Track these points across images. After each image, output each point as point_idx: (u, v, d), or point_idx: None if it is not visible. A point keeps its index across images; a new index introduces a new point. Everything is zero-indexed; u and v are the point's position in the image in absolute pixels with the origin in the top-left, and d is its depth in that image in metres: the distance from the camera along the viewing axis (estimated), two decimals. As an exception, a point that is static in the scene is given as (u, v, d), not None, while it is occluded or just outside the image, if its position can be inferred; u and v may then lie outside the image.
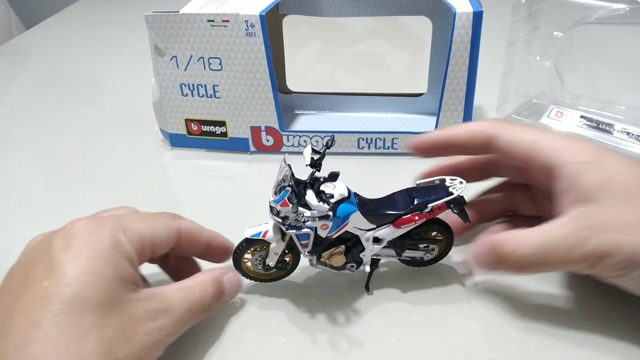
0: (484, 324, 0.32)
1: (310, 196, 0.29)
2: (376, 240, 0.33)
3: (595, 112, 0.51)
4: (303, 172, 0.30)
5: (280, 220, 0.30)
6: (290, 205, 0.29)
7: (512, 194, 0.37)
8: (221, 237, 0.34)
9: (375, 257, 0.34)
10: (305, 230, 0.30)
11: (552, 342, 0.30)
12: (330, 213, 0.30)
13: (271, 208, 0.30)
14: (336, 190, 0.30)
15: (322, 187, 0.30)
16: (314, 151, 0.30)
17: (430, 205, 0.32)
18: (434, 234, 0.34)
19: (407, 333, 0.31)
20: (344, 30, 0.79)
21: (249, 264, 0.34)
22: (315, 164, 0.30)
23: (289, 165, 0.30)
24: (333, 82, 0.65)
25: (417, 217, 0.32)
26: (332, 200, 0.30)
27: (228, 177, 0.49)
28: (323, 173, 0.30)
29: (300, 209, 0.29)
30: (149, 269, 0.33)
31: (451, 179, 0.33)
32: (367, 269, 0.33)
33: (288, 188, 0.29)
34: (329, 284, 0.35)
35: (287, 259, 0.34)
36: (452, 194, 0.32)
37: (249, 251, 0.33)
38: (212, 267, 0.33)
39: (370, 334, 0.31)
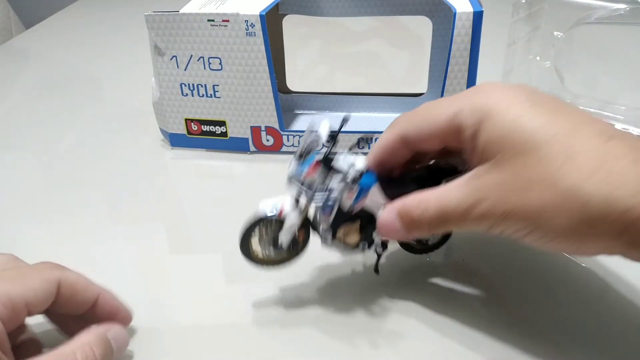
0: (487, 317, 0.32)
1: (344, 157, 0.29)
2: None
3: (595, 112, 0.51)
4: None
5: (304, 189, 0.30)
6: (320, 169, 0.28)
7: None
8: (111, 295, 0.31)
9: (385, 239, 0.33)
10: (331, 200, 0.29)
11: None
12: (360, 175, 0.29)
13: (290, 179, 0.30)
14: (357, 161, 0.30)
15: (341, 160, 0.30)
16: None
17: (444, 180, 0.31)
18: None
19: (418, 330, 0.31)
20: (344, 30, 0.79)
21: (257, 247, 0.32)
22: (333, 138, 0.29)
23: (317, 132, 0.29)
24: (333, 82, 0.65)
25: None
26: (357, 168, 0.29)
27: (228, 177, 0.49)
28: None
29: (330, 174, 0.29)
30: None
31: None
32: (380, 249, 0.33)
33: (317, 154, 0.28)
34: (332, 280, 0.35)
35: (298, 238, 0.32)
36: (461, 171, 0.31)
37: (256, 232, 0.31)
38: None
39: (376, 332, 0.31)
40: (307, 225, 0.32)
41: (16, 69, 0.73)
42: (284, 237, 0.31)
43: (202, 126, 0.50)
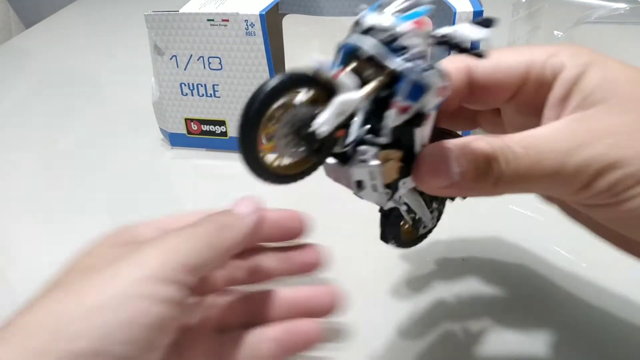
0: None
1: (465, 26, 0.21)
2: None
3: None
4: None
5: (393, 53, 0.20)
6: (429, 34, 0.20)
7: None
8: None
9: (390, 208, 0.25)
10: (432, 78, 0.20)
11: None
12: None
13: (367, 30, 0.20)
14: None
15: None
16: None
17: None
18: None
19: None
20: (344, 29, 0.79)
21: (269, 140, 0.20)
22: None
23: None
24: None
25: None
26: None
27: (228, 177, 0.49)
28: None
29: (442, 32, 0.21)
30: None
31: None
32: (403, 204, 0.25)
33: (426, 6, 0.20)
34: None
35: (335, 135, 0.21)
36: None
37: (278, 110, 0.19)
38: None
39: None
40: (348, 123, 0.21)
41: (16, 68, 0.73)
42: (327, 119, 0.19)
43: (202, 126, 0.50)
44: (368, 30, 0.20)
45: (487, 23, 0.21)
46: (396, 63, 0.20)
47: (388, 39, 0.20)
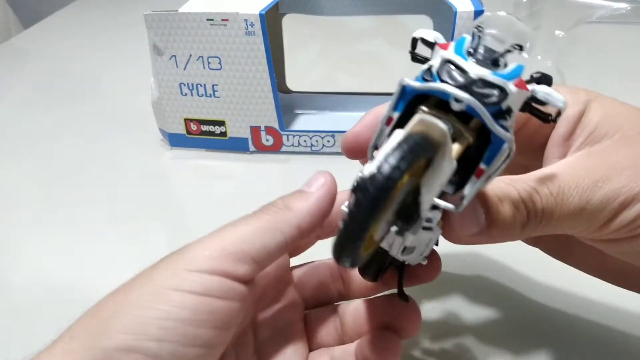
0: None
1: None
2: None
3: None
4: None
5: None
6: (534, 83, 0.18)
7: None
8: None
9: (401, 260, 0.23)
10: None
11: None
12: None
13: (468, 86, 0.18)
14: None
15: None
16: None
17: None
18: None
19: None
20: (344, 29, 0.79)
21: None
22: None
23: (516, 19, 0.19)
24: (333, 81, 0.65)
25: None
26: None
27: (228, 177, 0.49)
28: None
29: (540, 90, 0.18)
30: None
31: None
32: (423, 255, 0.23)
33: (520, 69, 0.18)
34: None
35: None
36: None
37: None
38: None
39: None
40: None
41: (15, 68, 0.73)
42: (431, 198, 0.18)
43: (202, 126, 0.50)
44: (470, 84, 0.18)
45: (547, 81, 0.19)
46: (501, 132, 0.18)
47: (493, 100, 0.18)
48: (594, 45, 0.57)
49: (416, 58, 0.20)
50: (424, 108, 0.19)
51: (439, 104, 0.18)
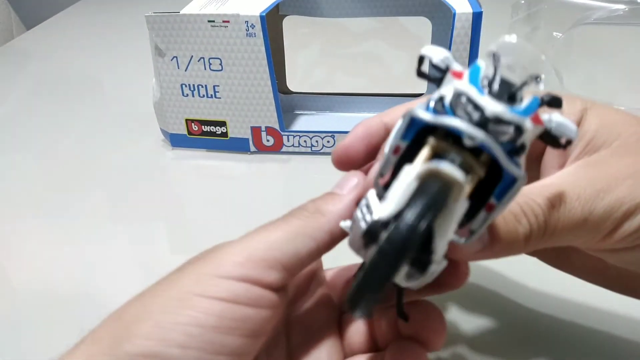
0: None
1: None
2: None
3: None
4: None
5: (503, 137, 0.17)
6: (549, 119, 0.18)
7: None
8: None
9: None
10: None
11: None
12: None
13: (483, 124, 0.17)
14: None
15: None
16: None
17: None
18: None
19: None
20: (344, 30, 0.79)
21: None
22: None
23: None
24: (333, 82, 0.66)
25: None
26: None
27: (228, 177, 0.49)
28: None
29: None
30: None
31: None
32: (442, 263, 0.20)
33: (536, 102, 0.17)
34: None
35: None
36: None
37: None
38: None
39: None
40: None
41: (17, 69, 0.73)
42: (447, 241, 0.18)
43: (203, 126, 0.50)
44: (485, 121, 0.17)
45: (557, 103, 0.18)
46: (514, 170, 0.17)
47: (508, 139, 0.17)
48: (592, 46, 0.57)
49: (421, 74, 0.20)
50: (433, 140, 0.18)
51: (449, 134, 0.18)
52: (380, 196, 0.19)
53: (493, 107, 0.17)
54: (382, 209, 0.17)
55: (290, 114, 0.54)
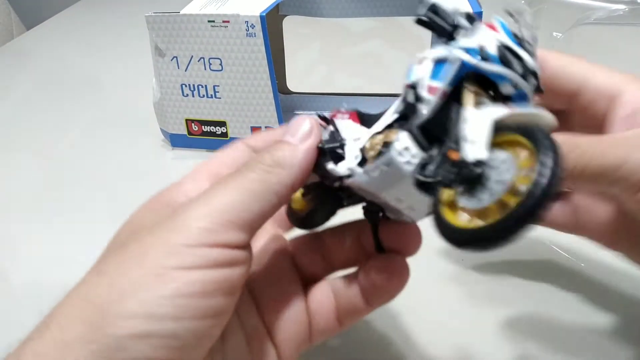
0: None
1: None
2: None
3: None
4: None
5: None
6: None
7: None
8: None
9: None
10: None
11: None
12: None
13: (525, 75, 0.20)
14: None
15: None
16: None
17: None
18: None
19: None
20: (344, 31, 0.79)
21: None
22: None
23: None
24: (333, 82, 0.66)
25: None
26: None
27: (228, 177, 0.49)
28: None
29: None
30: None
31: None
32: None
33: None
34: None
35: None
36: None
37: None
38: None
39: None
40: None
41: (17, 69, 0.73)
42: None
43: (203, 127, 0.50)
44: (525, 73, 0.20)
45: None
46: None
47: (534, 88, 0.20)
48: (592, 46, 0.57)
49: (423, 22, 0.21)
50: (473, 87, 0.20)
51: (480, 81, 0.19)
52: (418, 140, 0.20)
53: (531, 61, 0.20)
54: (472, 150, 0.17)
55: (290, 114, 0.54)
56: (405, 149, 0.19)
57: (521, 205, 0.16)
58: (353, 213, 0.26)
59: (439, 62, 0.20)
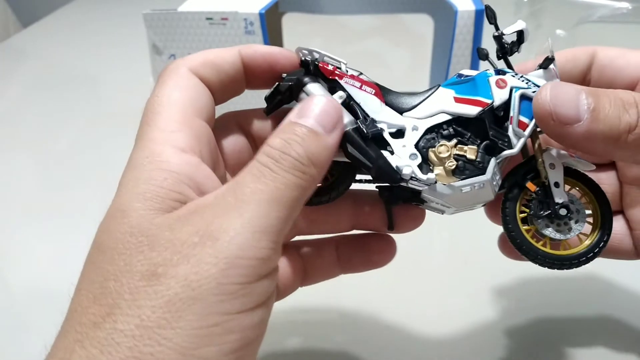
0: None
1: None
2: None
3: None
4: None
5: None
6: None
7: None
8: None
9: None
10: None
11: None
12: None
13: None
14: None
15: None
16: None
17: None
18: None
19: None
20: (344, 28, 0.78)
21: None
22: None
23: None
24: (333, 81, 0.65)
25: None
26: None
27: (227, 177, 0.48)
28: None
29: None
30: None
31: None
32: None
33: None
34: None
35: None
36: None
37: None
38: None
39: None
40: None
41: (14, 67, 0.73)
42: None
43: (201, 126, 0.49)
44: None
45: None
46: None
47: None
48: (595, 44, 0.56)
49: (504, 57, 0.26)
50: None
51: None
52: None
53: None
54: (558, 194, 0.24)
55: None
56: (494, 174, 0.23)
57: (594, 244, 0.24)
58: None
59: (526, 99, 0.23)
